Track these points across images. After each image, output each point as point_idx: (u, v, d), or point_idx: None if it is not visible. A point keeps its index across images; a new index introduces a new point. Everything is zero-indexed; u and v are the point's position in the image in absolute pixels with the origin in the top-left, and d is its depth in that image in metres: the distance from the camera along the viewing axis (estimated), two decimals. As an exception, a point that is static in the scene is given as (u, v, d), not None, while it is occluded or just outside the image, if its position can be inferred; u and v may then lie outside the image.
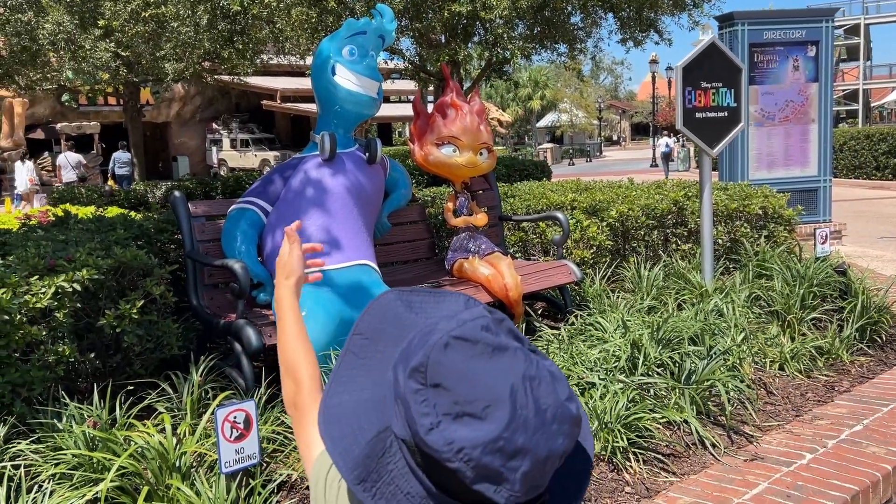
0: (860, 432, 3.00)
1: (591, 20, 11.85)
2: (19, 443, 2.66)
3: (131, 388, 3.28)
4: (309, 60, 13.92)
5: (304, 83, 22.97)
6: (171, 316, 3.68)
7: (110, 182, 17.37)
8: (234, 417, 2.21)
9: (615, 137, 66.43)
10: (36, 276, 3.07)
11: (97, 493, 2.30)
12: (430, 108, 4.83)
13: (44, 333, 3.03)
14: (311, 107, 24.26)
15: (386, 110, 24.00)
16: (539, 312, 4.81)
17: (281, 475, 2.63)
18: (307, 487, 2.71)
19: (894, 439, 2.88)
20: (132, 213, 6.23)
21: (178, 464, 2.46)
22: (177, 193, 3.88)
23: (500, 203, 5.33)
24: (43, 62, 12.00)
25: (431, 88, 13.20)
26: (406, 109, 27.48)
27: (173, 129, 25.72)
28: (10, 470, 2.48)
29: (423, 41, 11.46)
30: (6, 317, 2.84)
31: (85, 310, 3.26)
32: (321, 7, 8.93)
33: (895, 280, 4.68)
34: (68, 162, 17.37)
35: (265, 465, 2.69)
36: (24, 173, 17.47)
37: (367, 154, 4.10)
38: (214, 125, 26.19)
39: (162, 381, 3.21)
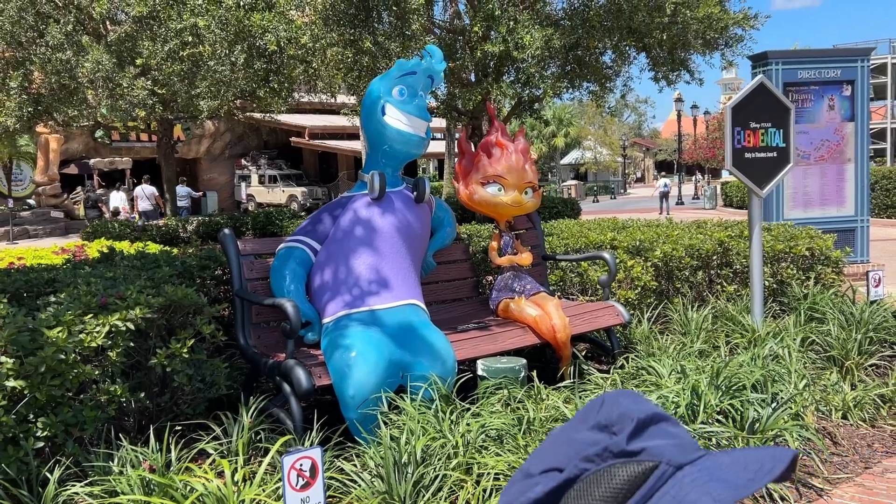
0: (936, 487, 2.87)
1: (622, 59, 11.89)
2: (73, 485, 2.61)
3: (178, 428, 3.23)
4: (339, 98, 14.09)
5: (333, 120, 23.26)
6: (218, 355, 3.64)
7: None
8: (300, 465, 2.15)
9: (639, 175, 66.37)
10: (90, 315, 3.05)
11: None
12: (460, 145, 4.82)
13: (97, 373, 3.00)
14: (339, 143, 24.53)
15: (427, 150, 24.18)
16: (584, 354, 4.72)
17: (337, 523, 2.56)
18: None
19: (976, 495, 2.76)
20: (172, 249, 6.25)
21: (235, 510, 2.40)
22: (227, 231, 3.87)
23: (543, 242, 5.28)
24: (80, 99, 12.23)
25: (461, 126, 13.27)
26: (432, 146, 27.63)
27: (203, 165, 26.06)
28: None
29: (455, 80, 11.56)
30: (62, 356, 2.82)
31: (135, 349, 3.24)
32: (356, 48, 9.04)
33: (954, 325, 4.54)
34: (144, 193, 17.91)
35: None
36: (117, 202, 18.51)
37: (415, 193, 4.07)
38: (243, 161, 26.52)
39: (210, 421, 3.16)
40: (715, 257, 5.56)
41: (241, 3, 8.92)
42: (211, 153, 26.02)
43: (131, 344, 3.14)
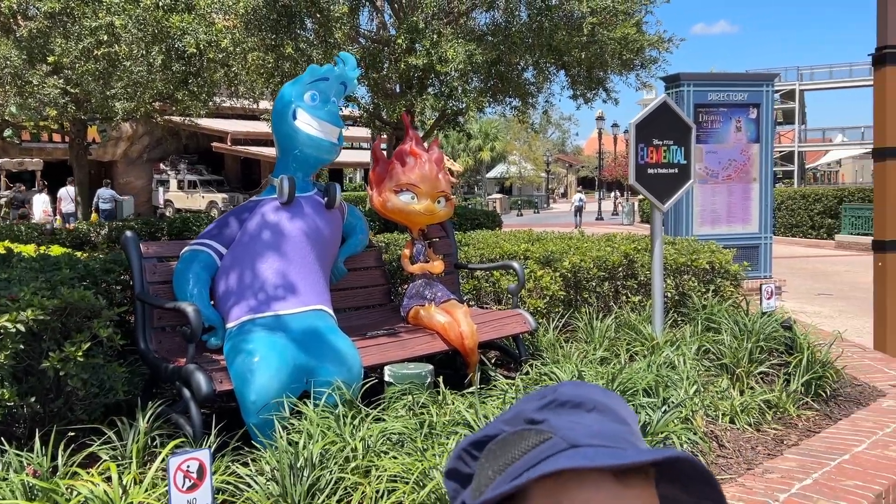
0: (810, 486, 3.05)
1: (543, 76, 12.16)
2: (-50, 492, 2.50)
3: (73, 434, 3.14)
4: (262, 104, 13.95)
5: (256, 126, 22.91)
6: (118, 360, 3.56)
7: (94, 217, 17.20)
8: (188, 466, 2.13)
9: (562, 190, 67.78)
10: (-23, 316, 2.94)
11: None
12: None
13: (-18, 376, 2.89)
14: (262, 150, 24.18)
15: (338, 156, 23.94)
16: (493, 361, 4.80)
17: (230, 527, 2.54)
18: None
19: (843, 494, 2.94)
20: (77, 253, 6.06)
21: (122, 515, 2.35)
22: (128, 233, 3.79)
23: (456, 251, 5.36)
24: (-14, 96, 11.73)
25: (385, 136, 13.32)
26: (358, 156, 27.59)
27: (119, 169, 25.26)
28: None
29: (379, 90, 11.59)
30: (-57, 357, 2.70)
31: (27, 351, 3.13)
32: (278, 53, 8.97)
33: (837, 336, 4.82)
34: (69, 195, 17.43)
35: (214, 516, 2.58)
36: (39, 205, 17.82)
37: (325, 199, 4.08)
38: (162, 165, 25.84)
39: (106, 427, 3.08)
40: (621, 269, 5.76)
41: (160, 4, 8.73)
42: (128, 156, 25.25)
43: (21, 347, 3.03)
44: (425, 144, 4.91)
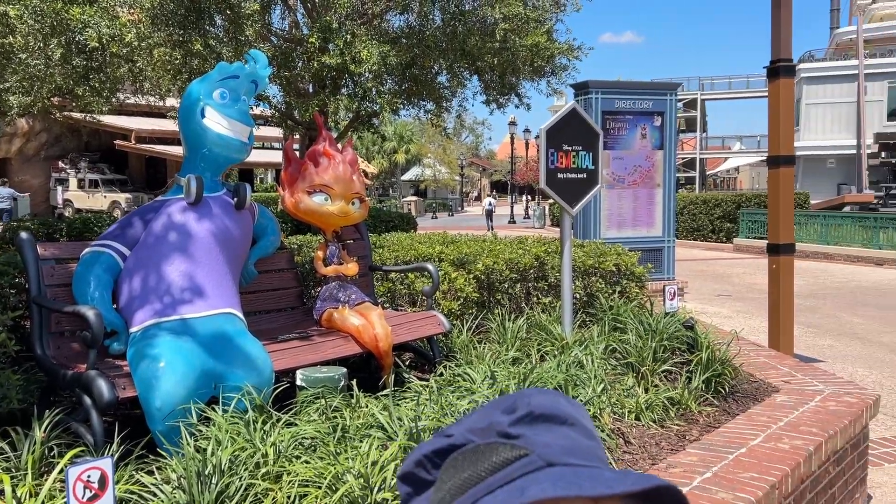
0: (710, 479, 3.18)
1: (456, 81, 12.25)
2: None
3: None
4: (169, 102, 13.51)
5: (162, 124, 22.17)
6: (12, 367, 3.37)
7: None
8: (88, 476, 2.04)
9: (476, 193, 68.48)
10: None
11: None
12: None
13: None
14: (168, 149, 23.42)
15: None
16: (407, 363, 4.81)
17: (134, 539, 2.45)
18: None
19: (741, 486, 3.08)
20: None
21: (15, 530, 2.23)
22: (24, 234, 3.60)
23: (370, 253, 5.33)
24: None
25: (297, 136, 13.13)
26: (269, 156, 27.09)
27: (14, 166, 23.95)
28: None
29: (291, 89, 11.43)
30: None
31: None
32: (186, 49, 8.72)
33: (735, 335, 5.06)
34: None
35: (116, 528, 2.49)
36: None
37: (235, 199, 3.99)
38: (61, 164, 24.66)
39: (-3, 438, 2.92)
40: (532, 271, 5.87)
41: (59, -6, 8.34)
42: (24, 153, 23.97)
43: None
44: (339, 145, 4.88)
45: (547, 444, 0.65)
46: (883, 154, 36.80)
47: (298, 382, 3.75)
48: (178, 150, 22.40)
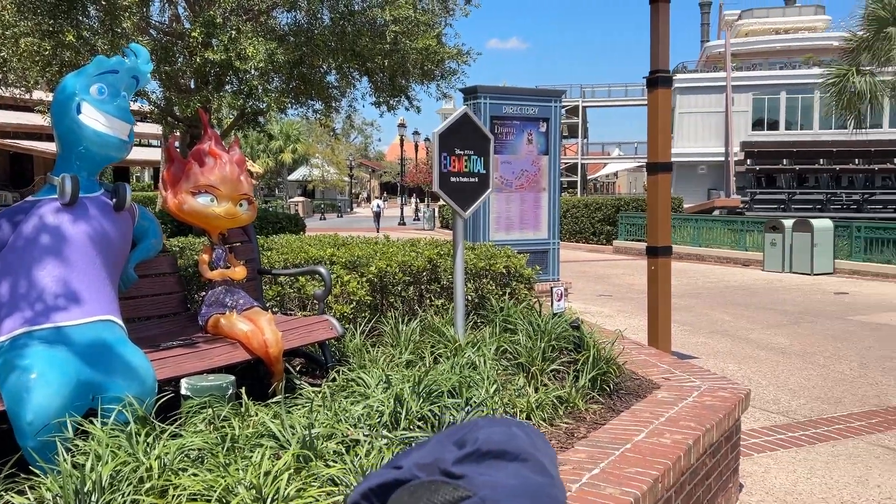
0: (598, 475, 3.28)
1: (346, 81, 12.15)
2: None
3: None
4: (36, 94, 12.67)
5: (29, 118, 20.79)
6: None
7: None
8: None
9: (366, 195, 68.23)
10: None
11: None
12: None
13: None
14: (36, 144, 22.01)
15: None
16: (298, 369, 4.71)
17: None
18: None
19: (626, 480, 3.20)
20: None
21: None
22: None
23: (258, 256, 5.19)
24: None
25: (178, 134, 12.64)
26: (146, 153, 25.95)
27: None
28: None
29: (172, 85, 10.99)
30: None
31: None
32: (57, 40, 8.22)
33: (619, 334, 5.26)
34: None
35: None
36: None
37: (114, 200, 3.78)
38: (-90, 158, 22.68)
39: None
40: (425, 273, 5.89)
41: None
42: None
43: None
44: (224, 144, 4.72)
45: (492, 486, 0.63)
46: (748, 161, 39.36)
47: (183, 392, 3.59)
48: (46, 147, 21.12)
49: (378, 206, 33.25)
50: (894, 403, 6.25)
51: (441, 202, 37.22)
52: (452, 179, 4.97)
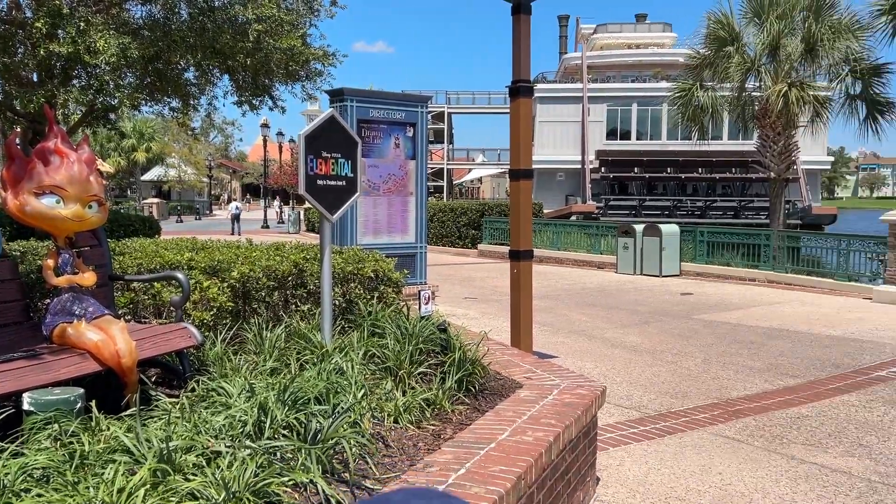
0: (464, 475, 3.34)
1: (205, 79, 11.73)
2: None
3: None
4: None
5: None
6: None
7: None
8: None
9: (226, 196, 66.03)
10: None
11: None
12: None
13: None
14: None
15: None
16: (154, 380, 4.48)
17: None
18: None
19: (492, 479, 3.27)
20: None
21: None
22: None
23: (110, 261, 4.90)
24: None
25: (19, 130, 11.72)
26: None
27: None
28: None
29: (11, 78, 10.21)
30: None
31: None
32: None
33: (483, 336, 5.38)
34: None
35: None
36: None
37: (-56, 201, 3.46)
38: None
39: None
40: (290, 278, 5.77)
41: None
42: None
43: None
44: (72, 142, 4.42)
45: None
46: (603, 169, 41.43)
47: (26, 407, 3.34)
48: None
49: (237, 207, 32.13)
50: (733, 396, 6.76)
51: (307, 205, 36.60)
52: (319, 182, 4.90)
